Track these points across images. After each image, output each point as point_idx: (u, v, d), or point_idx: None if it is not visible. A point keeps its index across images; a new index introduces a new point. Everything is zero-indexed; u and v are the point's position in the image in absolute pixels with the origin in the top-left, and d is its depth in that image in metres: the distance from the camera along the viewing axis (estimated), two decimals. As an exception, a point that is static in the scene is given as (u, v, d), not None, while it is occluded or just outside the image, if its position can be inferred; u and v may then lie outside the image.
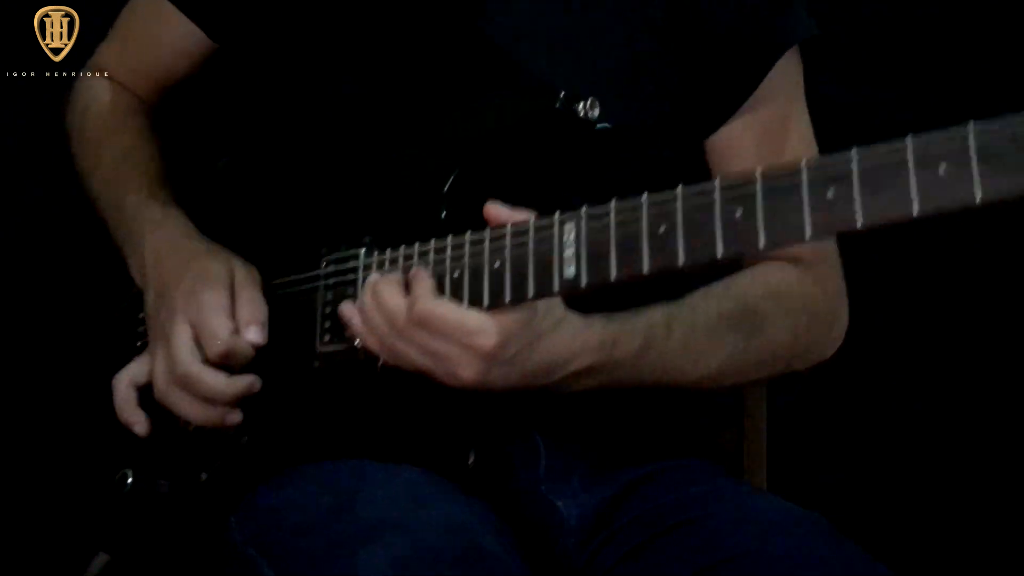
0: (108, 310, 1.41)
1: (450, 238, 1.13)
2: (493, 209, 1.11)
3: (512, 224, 1.09)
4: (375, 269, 1.19)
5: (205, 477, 1.25)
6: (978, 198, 0.87)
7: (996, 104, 0.91)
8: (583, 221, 1.05)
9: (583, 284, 1.04)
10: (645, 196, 1.02)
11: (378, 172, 1.28)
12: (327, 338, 1.22)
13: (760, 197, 0.96)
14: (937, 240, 2.03)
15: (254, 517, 1.21)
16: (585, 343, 1.14)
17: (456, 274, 1.11)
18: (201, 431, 1.26)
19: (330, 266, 1.24)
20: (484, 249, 1.10)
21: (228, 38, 1.42)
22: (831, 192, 0.92)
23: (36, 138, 1.74)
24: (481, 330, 1.08)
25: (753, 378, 1.34)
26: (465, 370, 1.10)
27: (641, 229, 1.01)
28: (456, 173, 1.20)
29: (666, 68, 1.31)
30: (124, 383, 1.30)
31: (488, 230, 1.10)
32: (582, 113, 1.19)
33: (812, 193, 0.93)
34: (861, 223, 0.92)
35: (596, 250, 1.04)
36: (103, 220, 1.41)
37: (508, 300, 1.08)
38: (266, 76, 1.39)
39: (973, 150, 0.87)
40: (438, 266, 1.12)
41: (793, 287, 1.31)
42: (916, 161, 0.89)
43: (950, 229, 1.99)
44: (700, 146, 1.34)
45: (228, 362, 1.24)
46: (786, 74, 1.34)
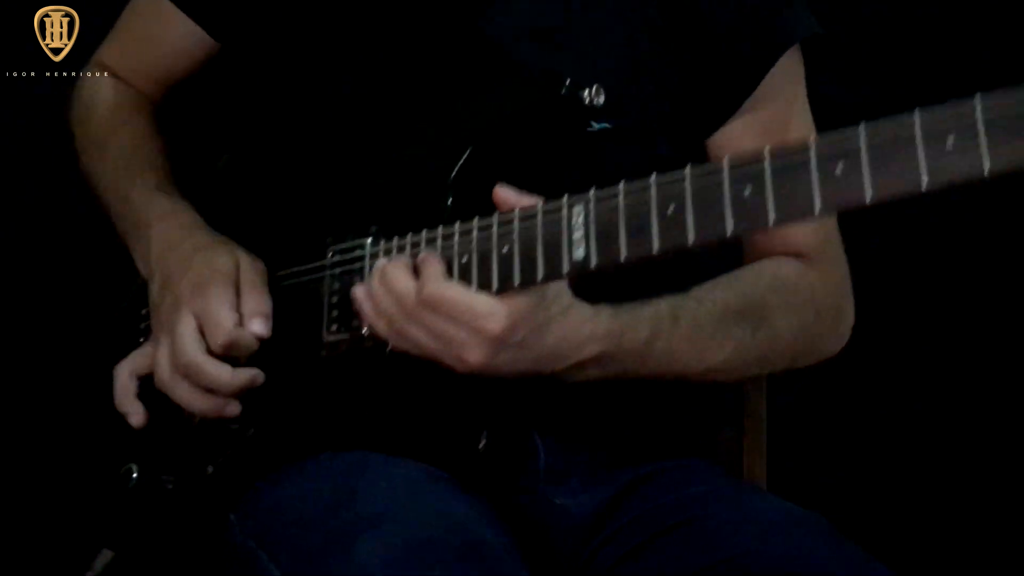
0: (110, 306, 1.41)
1: (458, 224, 1.13)
2: (502, 192, 1.11)
3: (520, 208, 1.09)
4: (382, 257, 1.18)
5: (211, 470, 1.24)
6: (986, 169, 0.88)
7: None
8: (592, 203, 1.05)
9: (593, 265, 1.04)
10: (654, 177, 1.03)
11: (382, 162, 1.28)
12: (334, 327, 1.21)
13: (769, 174, 0.96)
14: (938, 240, 2.04)
15: (254, 513, 1.21)
16: (593, 331, 1.14)
17: (464, 259, 1.11)
18: (206, 424, 1.25)
19: (336, 256, 1.24)
20: (492, 234, 1.10)
21: (229, 37, 1.42)
22: (840, 167, 0.93)
23: (36, 138, 1.75)
24: (490, 313, 1.08)
25: (758, 372, 1.35)
26: (473, 354, 1.10)
27: (650, 209, 1.02)
28: (464, 158, 1.20)
29: (666, 68, 1.31)
30: (125, 373, 1.30)
31: (496, 215, 1.11)
32: (587, 100, 1.20)
33: (821, 169, 0.94)
34: (870, 197, 0.92)
35: (605, 231, 1.04)
36: (107, 214, 1.41)
37: (517, 283, 1.08)
38: (267, 72, 1.39)
39: (980, 122, 0.88)
40: (446, 252, 1.12)
41: (799, 282, 1.31)
42: (924, 135, 0.90)
43: (951, 230, 2.01)
44: (701, 146, 1.34)
45: (232, 354, 1.23)
46: (787, 73, 1.34)
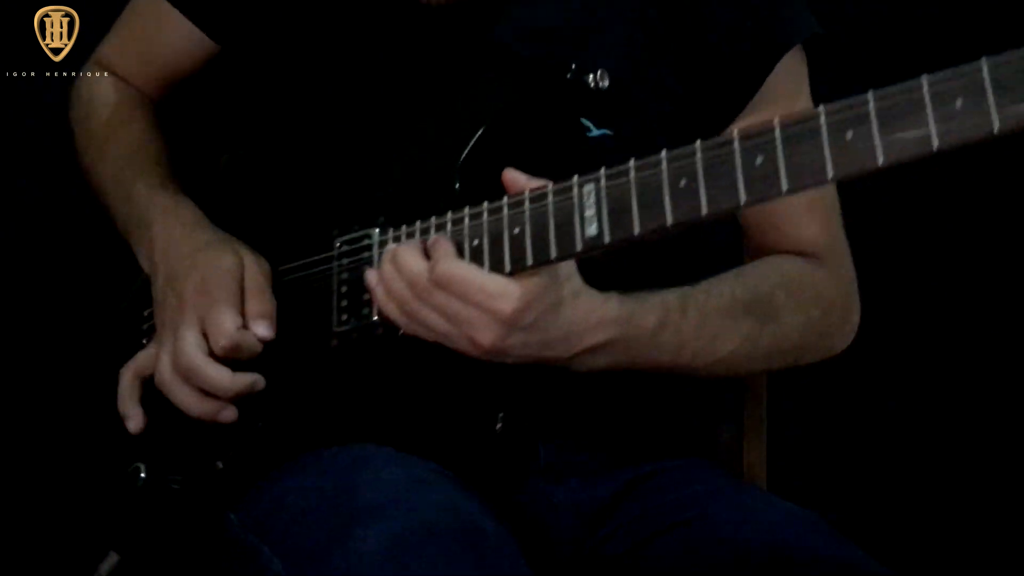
0: (111, 305, 1.40)
1: (467, 209, 1.13)
2: (511, 175, 1.11)
3: (530, 190, 1.10)
4: (391, 244, 1.18)
5: (221, 466, 1.24)
6: (996, 127, 0.89)
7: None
8: (603, 181, 1.06)
9: (606, 241, 1.05)
10: (664, 152, 1.04)
11: (387, 152, 1.28)
12: (344, 317, 1.21)
13: (780, 144, 0.97)
14: (939, 241, 2.06)
15: (255, 509, 1.20)
16: (602, 316, 1.14)
17: (475, 242, 1.11)
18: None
19: (343, 246, 1.23)
20: (503, 216, 1.10)
21: (230, 39, 1.43)
22: (850, 133, 0.94)
23: (36, 138, 1.74)
24: (502, 293, 1.08)
25: (764, 367, 1.34)
26: (485, 335, 1.10)
27: (662, 183, 1.02)
28: (475, 140, 1.20)
29: (666, 70, 1.32)
30: (129, 374, 1.30)
31: (506, 198, 1.11)
32: (592, 84, 1.21)
33: (831, 136, 0.95)
34: (882, 161, 0.94)
35: (617, 207, 1.04)
36: (109, 213, 1.40)
37: (530, 263, 1.08)
38: (268, 67, 1.39)
39: (988, 82, 0.89)
40: (456, 236, 1.12)
41: (807, 279, 1.31)
42: (932, 98, 0.92)
43: (952, 230, 2.03)
44: None
45: (235, 356, 1.23)
46: (789, 74, 1.34)
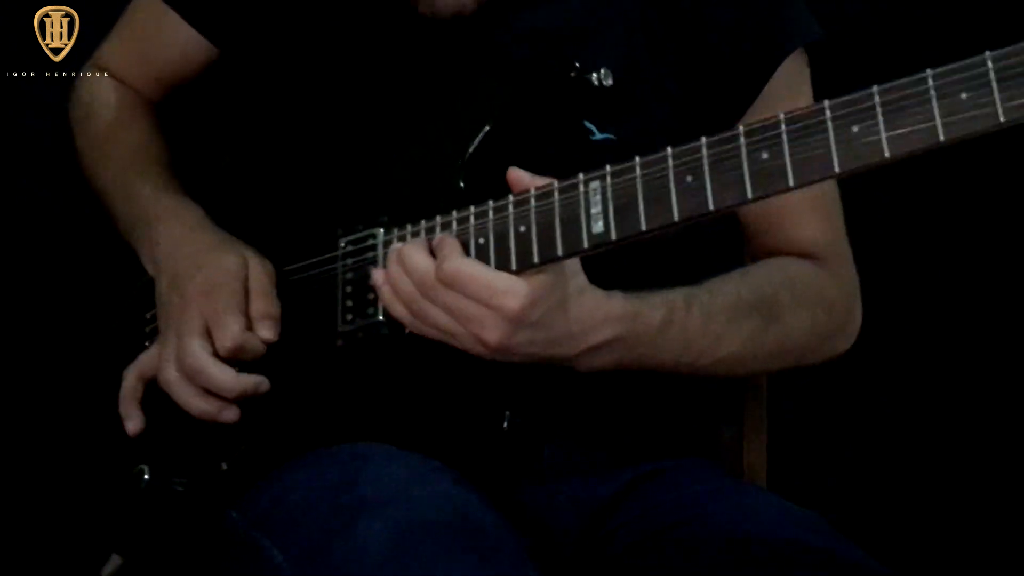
0: (113, 306, 1.39)
1: (472, 207, 1.13)
2: (516, 173, 1.11)
3: (535, 188, 1.10)
4: (396, 243, 1.18)
5: (226, 467, 1.23)
6: (1002, 118, 0.90)
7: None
8: (608, 178, 1.06)
9: (612, 238, 1.05)
10: (670, 149, 1.04)
11: (390, 151, 1.28)
12: (349, 316, 1.21)
13: (786, 139, 0.98)
14: (939, 242, 2.07)
15: (256, 505, 1.19)
16: (607, 313, 1.14)
17: (481, 241, 1.11)
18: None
19: (348, 246, 1.23)
20: (509, 215, 1.10)
21: (230, 43, 1.42)
22: (856, 127, 0.95)
23: (36, 138, 1.74)
24: (509, 290, 1.08)
25: (767, 367, 1.34)
26: (491, 332, 1.09)
27: (668, 179, 1.03)
28: (481, 136, 1.20)
29: (667, 74, 1.32)
30: (133, 376, 1.29)
31: (511, 196, 1.11)
32: (596, 82, 1.21)
33: (837, 130, 0.96)
34: (889, 154, 0.94)
35: (624, 203, 1.05)
36: (111, 214, 1.40)
37: (536, 261, 1.08)
38: (269, 71, 1.39)
39: (992, 74, 0.91)
40: (462, 235, 1.12)
41: (811, 281, 1.32)
42: (937, 91, 0.93)
43: (952, 231, 2.04)
44: None
45: (238, 357, 1.23)
46: (790, 77, 1.34)
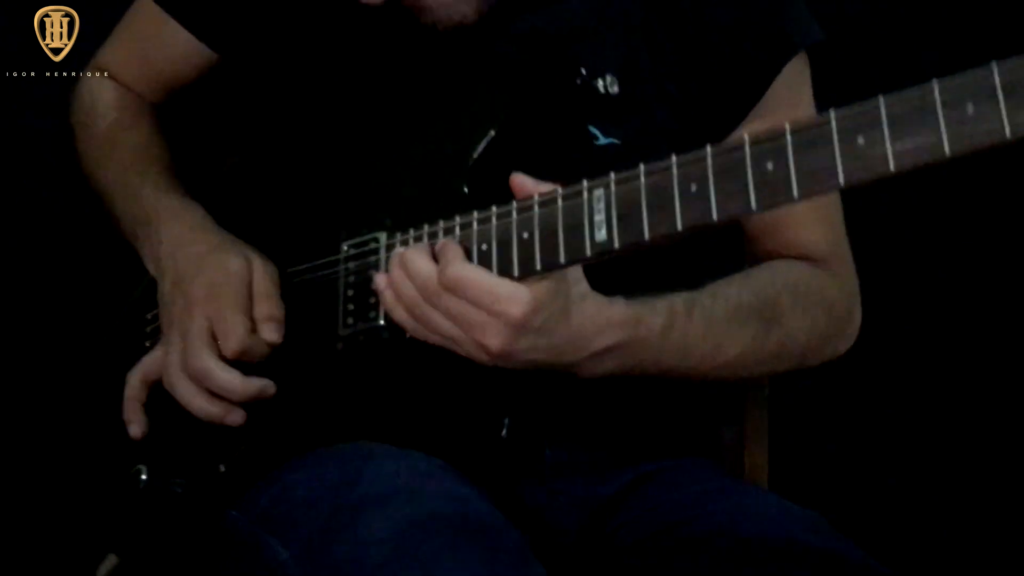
0: (114, 307, 1.39)
1: (475, 213, 1.12)
2: (519, 179, 1.11)
3: (539, 194, 1.09)
4: (399, 247, 1.18)
5: (224, 469, 1.23)
6: (1008, 132, 0.89)
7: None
8: (612, 185, 1.05)
9: (616, 246, 1.04)
10: (674, 157, 1.03)
11: (394, 155, 1.28)
12: (350, 320, 1.21)
13: (791, 150, 0.97)
14: (939, 243, 2.07)
15: (256, 502, 1.20)
16: (609, 319, 1.14)
17: (484, 247, 1.11)
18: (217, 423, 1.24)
19: (350, 250, 1.23)
20: (512, 221, 1.10)
21: (231, 49, 1.42)
22: (861, 138, 0.94)
23: (36, 138, 1.74)
24: (512, 297, 1.08)
25: (768, 370, 1.34)
26: (493, 339, 1.09)
27: (672, 187, 1.02)
28: (487, 141, 1.20)
29: (669, 78, 1.31)
30: (136, 379, 1.29)
31: (514, 202, 1.11)
32: (602, 89, 1.21)
33: (842, 141, 0.95)
34: (894, 166, 0.93)
35: (627, 212, 1.04)
36: (113, 216, 1.40)
37: (539, 268, 1.08)
38: (272, 75, 1.39)
39: (999, 86, 0.89)
40: (464, 240, 1.12)
41: (811, 283, 1.32)
42: (943, 103, 0.92)
43: (953, 232, 2.04)
44: None
45: (243, 359, 1.23)
46: (792, 80, 1.34)
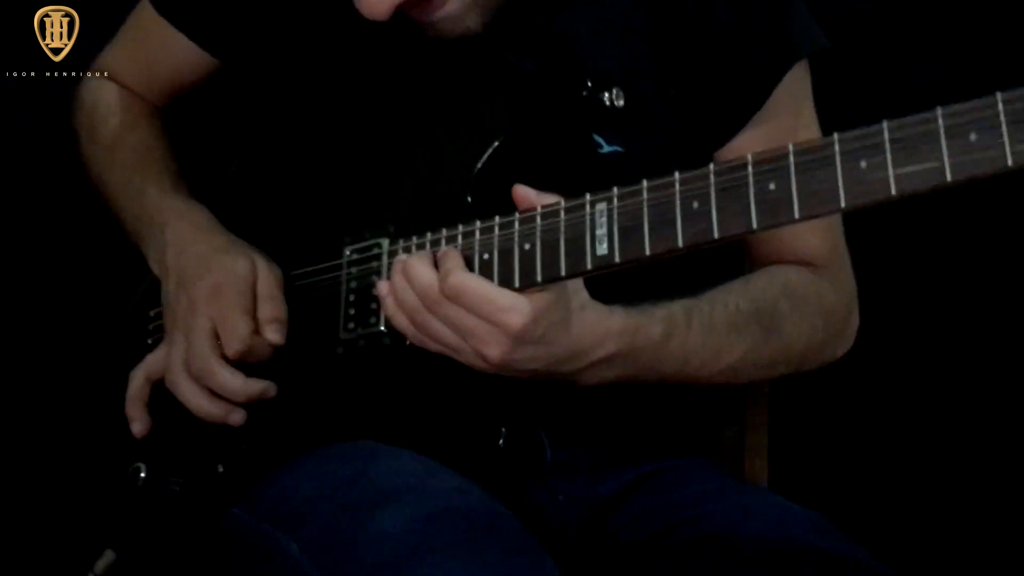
0: (116, 305, 1.40)
1: (478, 222, 1.13)
2: (522, 190, 1.11)
3: (542, 206, 1.10)
4: (401, 254, 1.18)
5: (222, 469, 1.24)
6: (1010, 161, 0.90)
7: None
8: (615, 200, 1.06)
9: (616, 260, 1.05)
10: (677, 175, 1.04)
11: (400, 161, 1.28)
12: (351, 325, 1.22)
13: (793, 171, 0.98)
14: (939, 243, 2.06)
15: (263, 500, 1.21)
16: (608, 329, 1.15)
17: (485, 256, 1.11)
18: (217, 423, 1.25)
19: (353, 255, 1.24)
20: (514, 232, 1.10)
21: (233, 56, 1.42)
22: (864, 163, 0.95)
23: (36, 138, 1.74)
24: (513, 307, 1.08)
25: (767, 376, 1.35)
26: (492, 348, 1.10)
27: (675, 205, 1.03)
28: (491, 151, 1.20)
29: (672, 86, 1.31)
30: (139, 378, 1.30)
31: (517, 213, 1.11)
32: (608, 102, 1.21)
33: (845, 164, 0.95)
34: (895, 191, 0.94)
35: (629, 227, 1.04)
36: (118, 218, 1.40)
37: (540, 279, 1.08)
38: (276, 78, 1.39)
39: (1003, 116, 0.90)
40: (466, 249, 1.12)
41: (809, 288, 1.32)
42: (947, 130, 0.92)
43: (953, 233, 2.04)
44: (708, 160, 1.33)
45: (245, 360, 1.24)
46: (794, 85, 1.34)
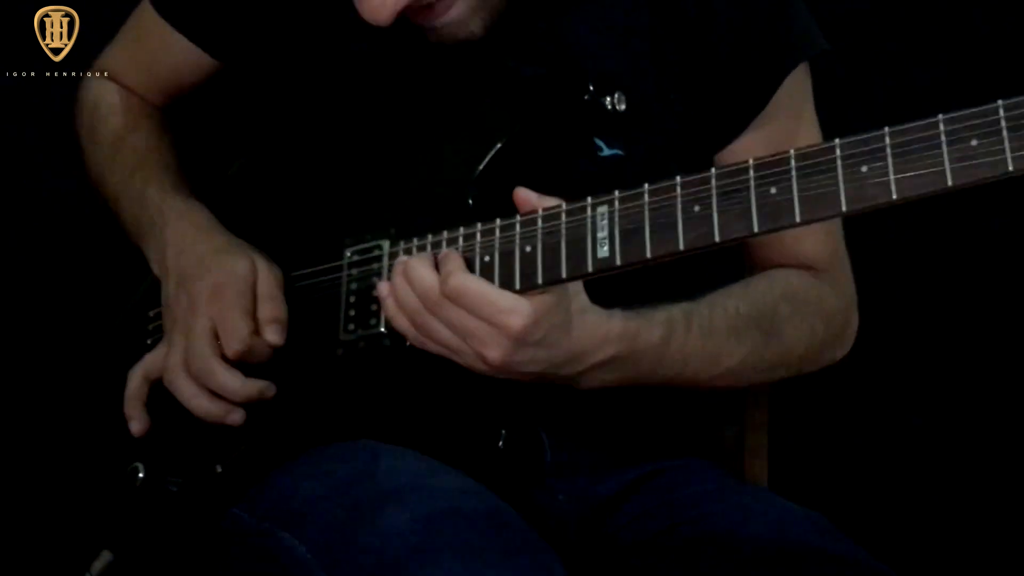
0: (116, 305, 1.40)
1: (479, 224, 1.13)
2: (523, 193, 1.11)
3: (543, 209, 1.10)
4: (402, 255, 1.18)
5: (220, 469, 1.24)
6: (1011, 166, 0.90)
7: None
8: (616, 203, 1.06)
9: (617, 263, 1.05)
10: (678, 178, 1.04)
11: (401, 163, 1.28)
12: (351, 326, 1.22)
13: (795, 175, 0.98)
14: (939, 244, 2.06)
15: (265, 499, 1.21)
16: (608, 332, 1.15)
17: (486, 258, 1.11)
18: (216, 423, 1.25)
19: (354, 256, 1.24)
20: (515, 234, 1.10)
21: (234, 58, 1.42)
22: (865, 167, 0.95)
23: (36, 138, 1.75)
24: (513, 309, 1.08)
25: (767, 379, 1.35)
26: (493, 350, 1.10)
27: (676, 208, 1.03)
28: (493, 153, 1.20)
29: (674, 89, 1.31)
30: (138, 377, 1.30)
31: (518, 216, 1.11)
32: (610, 106, 1.21)
33: (846, 169, 0.96)
34: (896, 196, 0.94)
35: (630, 230, 1.05)
36: (119, 216, 1.40)
37: (541, 282, 1.08)
38: (278, 79, 1.39)
39: (1003, 122, 0.90)
40: (467, 251, 1.13)
41: (809, 291, 1.32)
42: (948, 136, 0.93)
43: (953, 234, 2.04)
44: (709, 163, 1.33)
45: (245, 360, 1.24)
46: (794, 88, 1.33)
